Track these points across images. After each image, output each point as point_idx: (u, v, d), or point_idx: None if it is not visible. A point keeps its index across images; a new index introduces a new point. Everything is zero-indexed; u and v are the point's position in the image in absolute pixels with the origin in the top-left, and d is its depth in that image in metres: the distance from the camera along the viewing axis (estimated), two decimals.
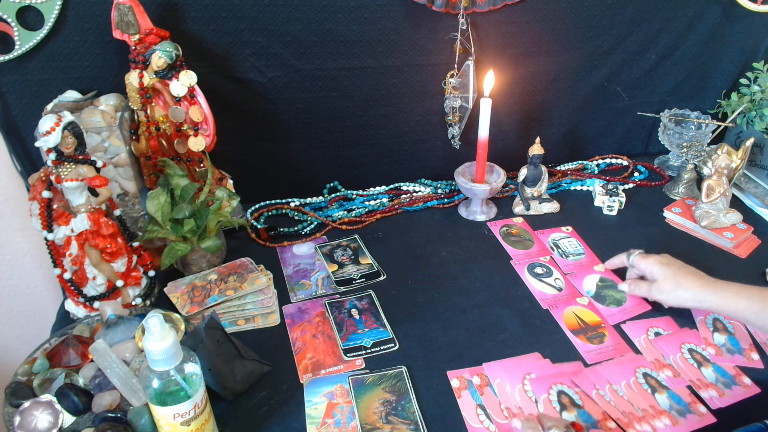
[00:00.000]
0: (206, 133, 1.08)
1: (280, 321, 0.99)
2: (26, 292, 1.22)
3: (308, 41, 1.15)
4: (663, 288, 0.93)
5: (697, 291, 0.90)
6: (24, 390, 0.80)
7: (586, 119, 1.43)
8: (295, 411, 0.83)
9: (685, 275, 0.92)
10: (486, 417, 0.82)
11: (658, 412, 0.82)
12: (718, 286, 0.89)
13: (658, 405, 0.83)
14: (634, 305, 1.01)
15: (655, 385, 0.86)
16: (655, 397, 0.84)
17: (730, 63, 1.40)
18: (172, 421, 0.69)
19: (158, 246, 1.06)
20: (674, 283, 0.92)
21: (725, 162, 1.17)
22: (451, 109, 1.29)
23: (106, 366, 0.80)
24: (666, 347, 0.93)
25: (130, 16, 0.98)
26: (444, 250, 1.16)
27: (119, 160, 1.04)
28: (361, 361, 0.91)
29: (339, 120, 1.26)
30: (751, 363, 0.90)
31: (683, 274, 0.92)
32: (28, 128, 1.06)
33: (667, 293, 0.93)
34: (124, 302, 0.98)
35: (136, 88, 1.01)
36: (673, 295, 0.92)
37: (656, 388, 0.86)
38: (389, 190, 1.36)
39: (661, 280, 0.94)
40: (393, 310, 1.01)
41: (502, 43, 1.25)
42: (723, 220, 1.18)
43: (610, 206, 1.27)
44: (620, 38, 1.32)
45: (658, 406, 0.83)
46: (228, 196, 1.08)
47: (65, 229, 0.91)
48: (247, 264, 1.07)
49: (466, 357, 0.92)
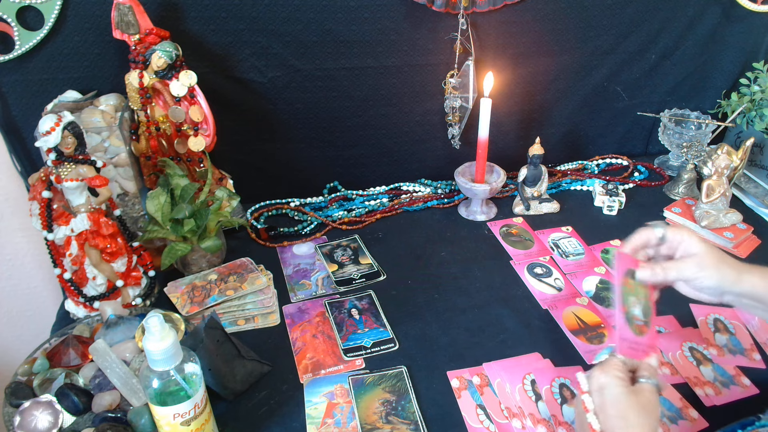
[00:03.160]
0: (206, 133, 1.08)
1: (280, 321, 0.99)
2: (26, 292, 1.22)
3: (308, 41, 1.15)
4: (704, 262, 0.76)
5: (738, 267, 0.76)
6: (24, 390, 0.80)
7: (586, 119, 1.43)
8: (295, 411, 0.83)
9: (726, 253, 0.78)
10: (486, 417, 0.82)
11: None
12: (757, 267, 0.76)
13: None
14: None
15: None
16: None
17: (730, 63, 1.40)
18: (172, 421, 0.69)
19: (158, 246, 1.06)
20: (719, 258, 0.76)
21: (725, 162, 1.17)
22: (451, 109, 1.29)
23: (106, 366, 0.80)
24: (667, 345, 0.93)
25: (130, 16, 0.98)
26: (444, 250, 1.16)
27: (119, 160, 1.04)
28: (361, 361, 0.91)
29: (339, 120, 1.26)
30: (753, 363, 0.90)
31: (723, 252, 0.78)
32: (28, 128, 1.06)
33: (711, 268, 0.75)
34: (124, 302, 0.98)
35: (136, 88, 1.01)
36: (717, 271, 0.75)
37: None
38: (389, 190, 1.36)
39: (702, 253, 0.76)
40: (393, 310, 1.01)
41: (502, 43, 1.25)
42: (723, 220, 1.18)
43: (610, 206, 1.27)
44: (620, 38, 1.32)
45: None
46: (228, 196, 1.08)
47: (65, 229, 0.91)
48: (247, 264, 1.07)
49: (466, 357, 0.92)
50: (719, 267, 0.75)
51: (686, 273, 0.77)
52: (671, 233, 0.79)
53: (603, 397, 0.64)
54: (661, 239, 0.80)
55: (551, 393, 0.84)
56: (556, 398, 0.84)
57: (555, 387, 0.85)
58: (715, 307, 0.99)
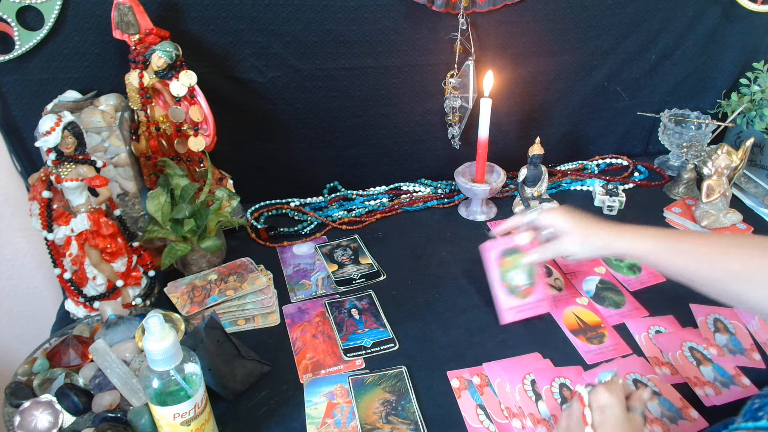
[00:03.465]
0: (206, 133, 1.08)
1: (280, 321, 0.99)
2: (26, 292, 1.22)
3: (308, 41, 1.15)
4: (573, 239, 0.86)
5: (606, 236, 0.84)
6: (24, 390, 0.80)
7: (586, 119, 1.43)
8: (295, 411, 0.83)
9: (594, 223, 0.86)
10: (486, 417, 0.82)
11: (649, 420, 0.81)
12: (628, 229, 0.84)
13: (650, 413, 0.82)
14: (633, 309, 1.01)
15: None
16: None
17: (730, 63, 1.40)
18: (172, 421, 0.69)
19: (158, 246, 1.06)
20: (584, 233, 0.85)
21: (725, 162, 1.17)
22: (451, 109, 1.29)
23: (106, 366, 0.80)
24: (666, 345, 0.93)
25: (130, 16, 0.98)
26: (444, 250, 1.16)
27: (119, 160, 1.04)
28: (361, 361, 0.91)
29: (339, 120, 1.26)
30: (753, 363, 0.90)
31: (592, 223, 0.86)
32: (28, 128, 1.06)
33: (578, 245, 0.86)
34: (124, 302, 0.98)
35: (136, 88, 1.01)
36: (585, 245, 0.85)
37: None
38: (389, 190, 1.36)
39: (569, 230, 0.86)
40: (393, 310, 1.01)
41: (502, 43, 1.25)
42: (723, 220, 1.18)
43: (610, 206, 1.27)
44: (620, 38, 1.32)
45: (650, 414, 0.82)
46: (228, 196, 1.08)
47: (65, 229, 0.91)
48: (247, 264, 1.07)
49: (466, 357, 0.92)
50: (587, 240, 0.85)
51: (560, 250, 0.89)
52: (540, 217, 0.90)
53: (604, 415, 0.67)
54: (530, 223, 0.93)
55: (551, 393, 0.84)
56: (556, 398, 0.84)
57: (555, 387, 0.85)
58: (716, 307, 0.99)
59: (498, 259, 0.96)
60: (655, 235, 0.81)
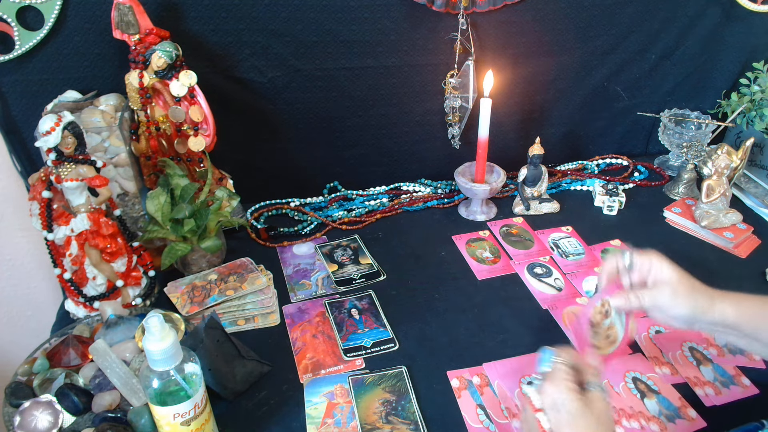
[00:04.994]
0: (206, 133, 1.08)
1: (280, 321, 0.99)
2: (26, 292, 1.22)
3: (308, 41, 1.15)
4: (678, 290, 0.73)
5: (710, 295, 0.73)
6: (24, 390, 0.80)
7: (586, 119, 1.43)
8: (295, 411, 0.83)
9: (697, 280, 0.75)
10: (486, 417, 0.82)
11: (647, 418, 0.81)
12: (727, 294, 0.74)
13: (647, 411, 0.83)
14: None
15: (645, 389, 0.86)
16: (644, 402, 0.84)
17: (730, 63, 1.40)
18: (172, 421, 0.69)
19: (158, 246, 1.06)
20: (691, 286, 0.74)
21: (725, 162, 1.17)
22: (451, 109, 1.29)
23: (106, 366, 0.80)
24: (667, 345, 0.93)
25: (130, 16, 0.98)
26: (444, 250, 1.16)
27: (119, 160, 1.04)
28: (361, 361, 0.91)
29: (339, 120, 1.26)
30: (753, 363, 0.90)
31: (695, 279, 0.75)
32: (28, 128, 1.06)
33: (683, 297, 0.73)
34: (124, 302, 0.98)
35: (136, 88, 1.01)
36: (689, 300, 0.73)
37: (645, 393, 0.85)
38: (389, 190, 1.36)
39: (675, 282, 0.74)
40: (393, 310, 1.01)
41: (502, 43, 1.25)
42: (723, 220, 1.18)
43: (610, 206, 1.27)
44: (620, 38, 1.32)
45: (647, 411, 0.82)
46: (228, 196, 1.08)
47: (65, 229, 0.91)
48: (247, 264, 1.07)
49: (466, 357, 0.92)
50: (692, 295, 0.73)
51: (660, 301, 0.74)
52: (638, 259, 0.77)
53: (559, 415, 0.63)
54: (629, 266, 0.78)
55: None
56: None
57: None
58: None
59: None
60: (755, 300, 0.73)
